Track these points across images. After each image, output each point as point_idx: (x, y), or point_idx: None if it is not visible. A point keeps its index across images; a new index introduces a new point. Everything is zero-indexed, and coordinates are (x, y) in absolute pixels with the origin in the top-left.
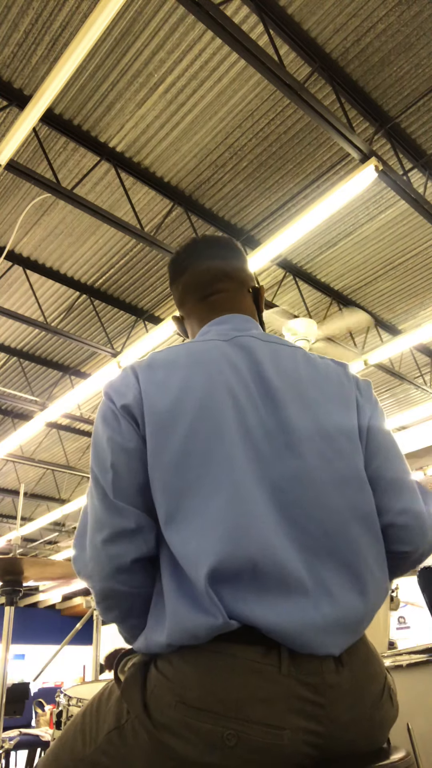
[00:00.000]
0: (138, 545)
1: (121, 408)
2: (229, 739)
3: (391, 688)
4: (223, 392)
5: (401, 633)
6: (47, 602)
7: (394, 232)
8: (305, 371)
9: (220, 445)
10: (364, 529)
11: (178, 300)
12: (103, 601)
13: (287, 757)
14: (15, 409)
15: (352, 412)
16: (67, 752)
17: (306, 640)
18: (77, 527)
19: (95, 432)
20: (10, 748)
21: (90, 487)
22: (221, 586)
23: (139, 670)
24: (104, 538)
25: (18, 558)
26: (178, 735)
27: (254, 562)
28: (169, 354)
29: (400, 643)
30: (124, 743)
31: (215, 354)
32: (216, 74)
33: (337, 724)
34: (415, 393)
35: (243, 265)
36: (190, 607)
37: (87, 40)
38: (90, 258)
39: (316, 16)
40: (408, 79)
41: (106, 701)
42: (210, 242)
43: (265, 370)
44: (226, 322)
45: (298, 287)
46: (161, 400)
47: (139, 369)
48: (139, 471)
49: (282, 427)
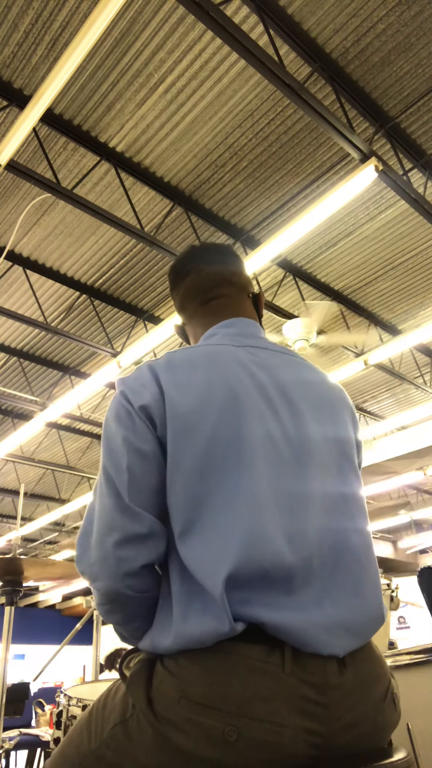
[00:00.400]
0: (149, 550)
1: (139, 408)
2: (230, 735)
3: (394, 693)
4: (244, 399)
5: (401, 633)
6: (47, 602)
7: (394, 232)
8: (316, 384)
9: (241, 453)
10: (363, 541)
11: (179, 305)
12: (108, 603)
13: (287, 755)
14: (15, 409)
15: (352, 429)
16: (73, 749)
17: (310, 639)
18: (82, 526)
19: (107, 429)
20: (10, 748)
21: (100, 485)
22: (233, 592)
23: (145, 666)
24: (116, 540)
25: (18, 558)
26: (180, 730)
27: (266, 569)
28: (187, 355)
29: (400, 643)
30: (128, 737)
31: (231, 360)
32: (216, 74)
33: (339, 724)
34: (415, 393)
35: (242, 270)
36: (198, 613)
37: (87, 40)
38: (90, 258)
39: (316, 16)
40: (408, 79)
41: (112, 698)
42: (209, 248)
43: (281, 380)
44: (233, 326)
45: (298, 287)
46: (184, 401)
47: (159, 368)
48: (154, 474)
49: (301, 437)
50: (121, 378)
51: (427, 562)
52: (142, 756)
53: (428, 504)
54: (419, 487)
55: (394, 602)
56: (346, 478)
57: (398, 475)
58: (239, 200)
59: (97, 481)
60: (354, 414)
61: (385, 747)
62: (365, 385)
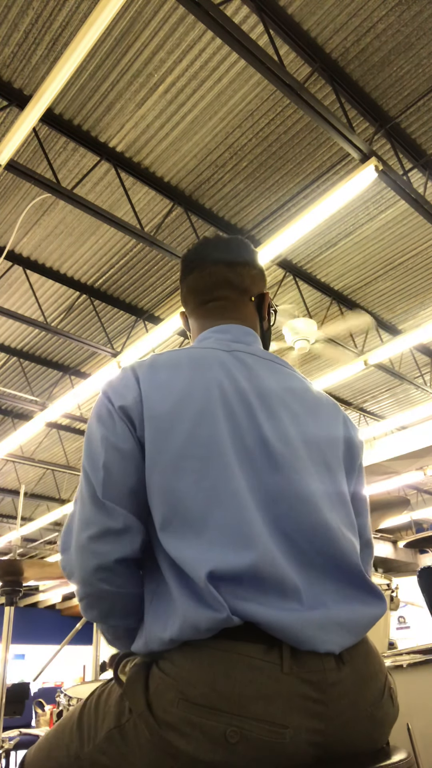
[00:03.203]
0: (123, 545)
1: (119, 409)
2: (232, 736)
3: (391, 688)
4: (222, 401)
5: (401, 633)
6: (47, 602)
7: (394, 232)
8: (298, 390)
9: (217, 453)
10: (350, 542)
11: (183, 299)
12: (84, 598)
13: (289, 755)
14: (15, 409)
15: (339, 436)
16: (63, 750)
17: (306, 637)
18: (63, 528)
19: (89, 430)
20: (10, 748)
21: (80, 483)
22: (222, 585)
23: (141, 669)
24: (90, 535)
25: (18, 558)
26: (181, 732)
27: (256, 567)
28: (172, 357)
29: (400, 643)
30: (125, 742)
31: (215, 363)
32: (216, 74)
33: (339, 721)
34: (415, 393)
35: (250, 271)
36: (193, 602)
37: (87, 40)
38: (90, 258)
39: (316, 16)
40: (408, 79)
41: (105, 701)
42: (220, 245)
43: (262, 384)
44: (227, 332)
45: (298, 287)
46: (162, 402)
47: (140, 370)
48: (131, 473)
49: (277, 440)
50: (107, 380)
51: (427, 562)
52: (140, 762)
53: (428, 504)
54: (419, 487)
55: (394, 602)
56: (330, 476)
57: (398, 475)
58: (239, 200)
59: (79, 481)
60: (346, 417)
61: (385, 747)
62: (365, 385)
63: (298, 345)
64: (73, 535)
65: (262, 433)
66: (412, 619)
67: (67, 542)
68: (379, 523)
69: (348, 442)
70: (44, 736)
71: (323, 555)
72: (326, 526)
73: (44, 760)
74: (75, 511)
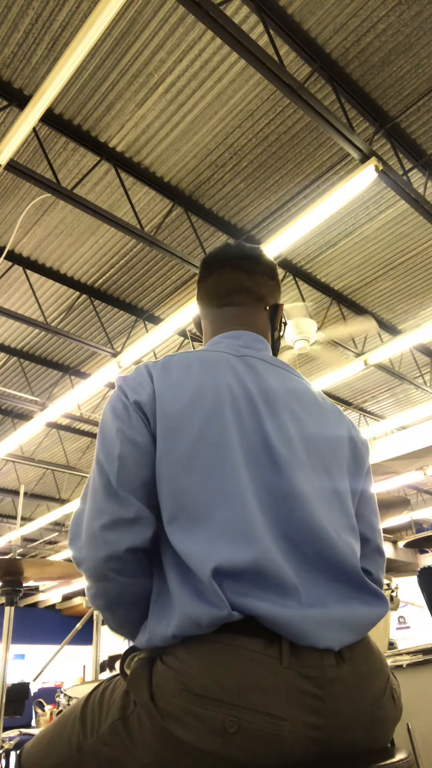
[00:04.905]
0: (134, 534)
1: (134, 403)
2: (230, 726)
3: (394, 689)
4: (231, 403)
5: (401, 633)
6: (47, 602)
7: (394, 232)
8: (302, 392)
9: (225, 454)
10: (347, 545)
11: (198, 300)
12: (93, 586)
13: (288, 749)
14: (15, 409)
15: (344, 437)
16: (64, 742)
17: (305, 632)
18: (75, 513)
19: (104, 423)
20: (10, 748)
21: (92, 476)
22: (225, 581)
23: (146, 663)
24: (102, 523)
25: (18, 558)
26: (181, 722)
27: (257, 564)
28: (183, 358)
29: (400, 643)
30: (128, 734)
31: (225, 366)
32: (216, 74)
33: (338, 719)
34: (415, 393)
35: (267, 282)
36: (194, 599)
37: (87, 40)
38: (90, 258)
39: (316, 16)
40: (408, 79)
41: (110, 694)
42: (240, 252)
43: (268, 387)
44: (238, 338)
45: (298, 287)
46: (174, 402)
47: (154, 369)
48: (145, 465)
49: (279, 442)
50: (121, 376)
51: (427, 562)
52: (143, 753)
53: (428, 504)
54: (419, 487)
55: (394, 602)
56: (329, 479)
57: (398, 475)
58: (239, 200)
59: (91, 472)
60: (350, 422)
61: (387, 747)
62: (365, 385)
63: (298, 345)
64: (84, 525)
65: (265, 435)
66: (412, 619)
67: (76, 532)
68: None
69: (353, 443)
70: (43, 731)
71: (321, 557)
72: (323, 529)
73: (44, 753)
74: (86, 501)
